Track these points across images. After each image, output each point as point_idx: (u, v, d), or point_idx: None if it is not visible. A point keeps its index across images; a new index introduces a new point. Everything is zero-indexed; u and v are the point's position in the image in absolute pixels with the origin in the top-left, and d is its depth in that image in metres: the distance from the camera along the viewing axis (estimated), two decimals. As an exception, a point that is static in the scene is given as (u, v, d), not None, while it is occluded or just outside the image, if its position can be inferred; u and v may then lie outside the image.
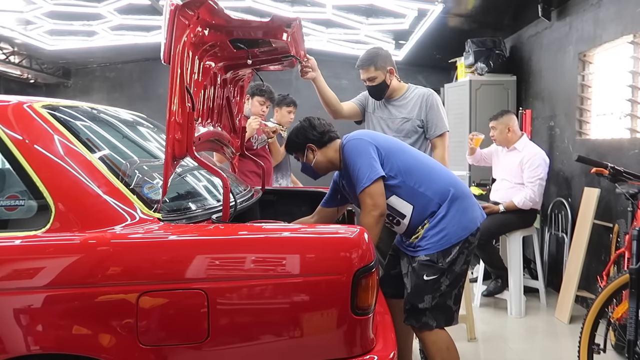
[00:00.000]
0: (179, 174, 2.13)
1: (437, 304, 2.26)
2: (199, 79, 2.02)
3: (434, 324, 2.27)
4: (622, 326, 2.68)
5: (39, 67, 8.55)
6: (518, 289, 4.14)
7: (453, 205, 2.29)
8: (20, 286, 1.60)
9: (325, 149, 2.43)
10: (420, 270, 2.27)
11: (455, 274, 2.28)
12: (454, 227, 2.27)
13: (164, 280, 1.61)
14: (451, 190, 2.31)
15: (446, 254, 2.26)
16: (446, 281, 2.27)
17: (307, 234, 1.80)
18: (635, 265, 2.43)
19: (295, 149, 2.47)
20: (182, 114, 1.76)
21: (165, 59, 1.68)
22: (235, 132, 2.85)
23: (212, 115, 2.44)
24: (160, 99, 9.14)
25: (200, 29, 1.85)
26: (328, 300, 1.66)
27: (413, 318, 2.30)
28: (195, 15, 1.75)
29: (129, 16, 6.44)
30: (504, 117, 4.31)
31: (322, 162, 2.44)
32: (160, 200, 1.74)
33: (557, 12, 4.71)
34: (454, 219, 2.28)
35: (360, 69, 3.12)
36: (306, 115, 2.49)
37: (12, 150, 1.70)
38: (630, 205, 2.85)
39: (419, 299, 2.27)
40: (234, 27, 1.98)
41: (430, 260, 2.26)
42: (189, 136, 1.79)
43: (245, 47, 2.19)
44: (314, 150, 2.42)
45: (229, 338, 1.64)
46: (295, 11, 6.14)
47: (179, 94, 1.74)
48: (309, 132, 2.41)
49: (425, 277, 2.25)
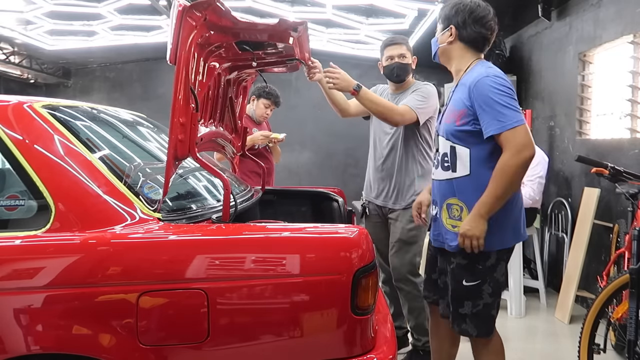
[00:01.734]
0: (180, 175, 2.13)
1: (478, 312, 2.13)
2: (204, 79, 2.02)
3: (475, 333, 2.15)
4: (622, 326, 2.68)
5: (39, 67, 8.55)
6: (518, 289, 4.14)
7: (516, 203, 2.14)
8: (21, 286, 1.60)
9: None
10: (459, 275, 2.14)
11: (497, 281, 2.14)
12: (501, 232, 2.10)
13: (164, 280, 1.61)
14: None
15: (485, 258, 2.10)
16: (488, 289, 2.12)
17: (307, 234, 1.80)
18: (635, 265, 2.43)
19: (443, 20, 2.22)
20: (186, 115, 1.76)
21: (171, 59, 1.68)
22: (237, 132, 2.85)
23: (215, 115, 2.44)
24: (160, 99, 9.15)
25: (207, 30, 1.85)
26: (328, 300, 1.66)
27: (455, 324, 2.18)
28: (202, 16, 1.74)
29: (129, 16, 6.44)
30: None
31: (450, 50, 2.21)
32: (160, 200, 1.74)
33: (557, 12, 4.71)
34: (504, 223, 2.10)
35: (392, 45, 3.02)
36: (307, 116, 2.47)
37: (12, 150, 1.70)
38: (630, 205, 2.85)
39: (459, 304, 2.15)
40: (241, 29, 1.97)
41: (469, 263, 2.11)
42: (191, 137, 1.79)
43: (251, 49, 2.19)
44: (453, 33, 2.17)
45: (229, 338, 1.64)
46: (295, 11, 6.14)
47: (184, 94, 1.74)
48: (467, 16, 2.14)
49: (464, 282, 2.13)
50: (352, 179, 8.26)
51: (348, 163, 8.99)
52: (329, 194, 3.02)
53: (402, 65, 3.00)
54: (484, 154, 2.09)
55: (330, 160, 9.13)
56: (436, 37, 2.25)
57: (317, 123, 8.02)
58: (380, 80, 3.28)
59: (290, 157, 8.61)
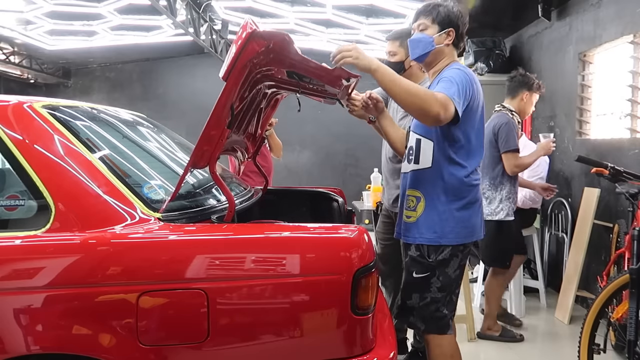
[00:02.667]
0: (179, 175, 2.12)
1: (425, 306, 2.18)
2: (244, 95, 2.02)
3: (422, 327, 2.20)
4: (622, 326, 2.68)
5: (39, 67, 8.56)
6: (518, 289, 4.14)
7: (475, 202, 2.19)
8: (21, 286, 1.60)
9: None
10: (410, 266, 2.22)
11: (448, 277, 2.17)
12: (456, 226, 2.15)
13: (164, 280, 1.61)
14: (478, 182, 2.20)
15: (437, 251, 2.16)
16: (437, 282, 2.16)
17: (307, 234, 1.80)
18: (635, 265, 2.43)
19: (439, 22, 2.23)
20: (218, 129, 1.76)
21: (224, 77, 1.69)
22: (254, 140, 2.83)
23: (242, 124, 2.43)
24: (160, 98, 9.17)
25: (267, 56, 1.85)
26: (328, 300, 1.66)
27: (402, 316, 2.25)
28: (267, 43, 1.74)
29: (129, 16, 6.45)
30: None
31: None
32: (166, 202, 1.74)
33: (557, 12, 4.71)
34: (460, 218, 2.15)
35: (388, 41, 3.05)
36: (307, 116, 2.43)
37: (12, 150, 1.70)
38: (630, 205, 2.84)
39: (407, 296, 2.22)
40: (296, 61, 1.97)
41: (420, 255, 2.18)
42: (215, 150, 1.79)
43: (298, 79, 2.19)
44: (450, 35, 2.23)
45: (229, 338, 1.64)
46: (295, 11, 6.14)
47: (223, 110, 1.74)
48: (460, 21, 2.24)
49: (414, 274, 2.20)
50: (352, 179, 8.28)
51: (348, 163, 9.00)
52: (329, 194, 3.02)
53: (389, 63, 2.87)
54: (447, 148, 2.14)
55: (330, 160, 9.13)
56: (430, 37, 2.22)
57: (317, 123, 8.03)
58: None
59: (290, 157, 8.62)
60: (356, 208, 5.55)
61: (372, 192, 5.30)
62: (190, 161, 1.77)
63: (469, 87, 2.08)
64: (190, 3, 5.96)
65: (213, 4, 6.44)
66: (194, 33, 6.16)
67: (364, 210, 5.55)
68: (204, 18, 6.52)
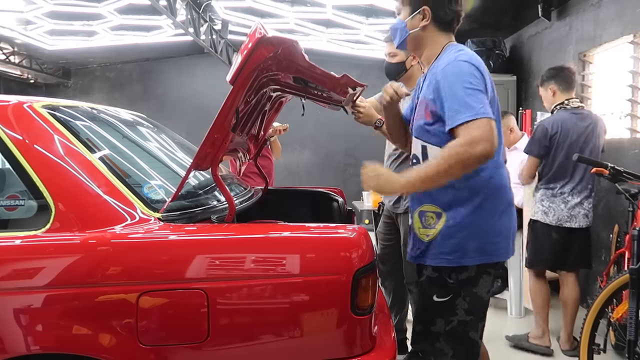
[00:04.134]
0: (179, 175, 2.13)
1: (452, 330, 1.85)
2: (249, 98, 2.03)
3: (451, 353, 1.86)
4: (622, 326, 2.68)
5: (39, 67, 8.56)
6: (518, 289, 4.14)
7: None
8: (21, 286, 1.60)
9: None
10: (428, 288, 1.89)
11: (477, 297, 1.85)
12: (482, 242, 1.81)
13: (164, 280, 1.61)
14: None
15: (459, 271, 1.83)
16: (464, 304, 1.84)
17: (307, 234, 1.80)
18: (635, 265, 2.43)
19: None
20: (222, 132, 1.77)
21: (231, 81, 1.70)
22: (257, 142, 2.83)
23: (246, 126, 2.44)
24: (159, 98, 9.17)
25: (275, 62, 1.85)
26: (328, 300, 1.66)
27: (424, 342, 1.91)
28: (276, 49, 1.75)
29: (129, 16, 6.45)
30: (505, 119, 4.30)
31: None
32: (167, 203, 1.74)
33: (557, 12, 4.71)
34: (487, 230, 1.82)
35: (387, 42, 2.89)
36: (307, 116, 2.40)
37: (12, 150, 1.70)
38: (630, 205, 2.85)
39: (430, 321, 1.89)
40: (303, 68, 1.98)
41: (439, 277, 1.85)
42: (218, 153, 1.80)
43: (304, 84, 2.20)
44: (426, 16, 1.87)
45: (229, 338, 1.64)
46: (295, 11, 6.14)
47: (229, 113, 1.74)
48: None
49: (435, 297, 1.86)
50: (352, 179, 8.26)
51: (348, 163, 8.99)
52: (329, 194, 3.02)
53: (389, 65, 2.89)
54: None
55: (330, 160, 9.13)
56: (403, 22, 1.91)
57: (317, 123, 8.02)
58: (380, 80, 3.27)
59: (290, 157, 8.62)
60: (356, 208, 5.55)
61: (372, 192, 5.30)
62: (193, 163, 1.77)
63: (475, 78, 1.73)
64: (190, 3, 5.96)
65: (213, 4, 6.45)
66: (194, 33, 6.16)
67: (364, 210, 5.54)
68: (204, 18, 6.53)
